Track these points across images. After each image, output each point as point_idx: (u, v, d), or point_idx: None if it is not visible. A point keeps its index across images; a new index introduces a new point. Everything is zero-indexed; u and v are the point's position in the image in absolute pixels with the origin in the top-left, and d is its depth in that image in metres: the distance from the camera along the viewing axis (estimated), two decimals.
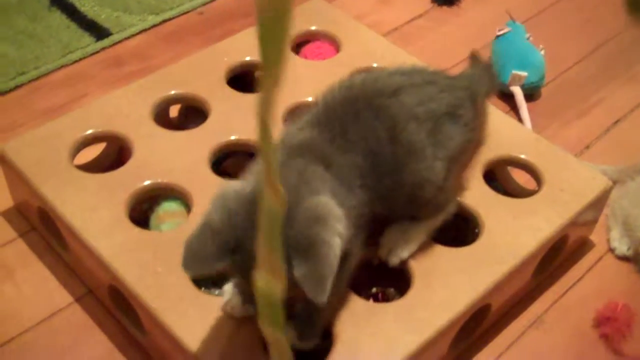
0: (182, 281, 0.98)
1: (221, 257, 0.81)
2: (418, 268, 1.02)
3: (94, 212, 1.06)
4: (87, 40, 1.55)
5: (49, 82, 1.48)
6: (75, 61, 1.52)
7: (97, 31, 1.58)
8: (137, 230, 1.05)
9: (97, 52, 1.55)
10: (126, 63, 1.53)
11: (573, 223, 1.11)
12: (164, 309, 0.95)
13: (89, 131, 1.17)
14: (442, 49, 1.60)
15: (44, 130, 1.17)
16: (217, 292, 1.06)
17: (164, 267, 1.00)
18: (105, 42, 1.56)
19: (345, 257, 0.82)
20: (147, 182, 1.10)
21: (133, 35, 1.58)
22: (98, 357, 1.05)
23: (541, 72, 1.48)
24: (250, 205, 0.78)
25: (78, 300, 1.12)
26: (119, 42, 1.57)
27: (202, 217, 0.84)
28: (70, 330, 1.08)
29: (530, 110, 1.42)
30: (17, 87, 1.46)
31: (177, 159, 1.14)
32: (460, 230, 1.14)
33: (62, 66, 1.51)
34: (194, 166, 1.13)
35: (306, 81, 1.27)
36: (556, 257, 1.15)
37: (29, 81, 1.47)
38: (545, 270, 1.15)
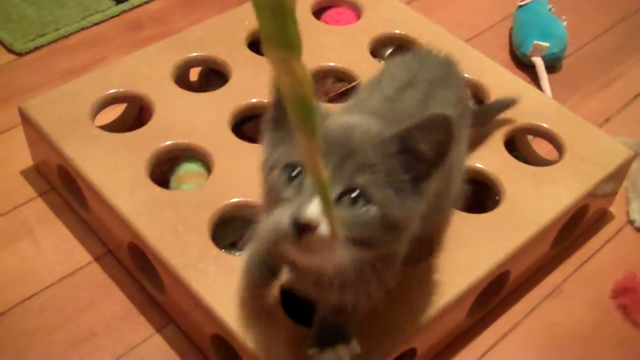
0: (203, 240, 0.98)
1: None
2: (439, 234, 1.01)
3: (115, 170, 1.06)
4: (107, 3, 1.55)
5: (69, 44, 1.48)
6: (95, 24, 1.52)
7: None
8: (158, 189, 1.05)
9: (117, 15, 1.54)
10: (145, 27, 1.52)
11: (593, 193, 1.10)
12: (185, 267, 0.95)
13: (110, 91, 1.17)
14: (465, 18, 1.59)
15: (66, 89, 1.17)
16: (237, 254, 1.06)
17: (184, 226, 1.00)
18: (125, 5, 1.55)
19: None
20: (168, 143, 1.10)
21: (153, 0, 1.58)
22: (117, 315, 1.06)
23: (563, 44, 1.47)
24: None
25: (97, 259, 1.12)
26: (139, 5, 1.56)
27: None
28: (89, 288, 1.09)
29: (550, 82, 1.42)
30: (36, 48, 1.46)
31: (198, 120, 1.14)
32: (481, 196, 1.13)
33: (82, 29, 1.51)
34: (215, 128, 1.13)
35: (326, 47, 1.27)
36: (575, 228, 1.15)
37: (49, 43, 1.47)
38: (565, 240, 1.14)
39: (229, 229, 1.08)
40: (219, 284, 0.94)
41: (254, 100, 1.17)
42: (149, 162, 1.08)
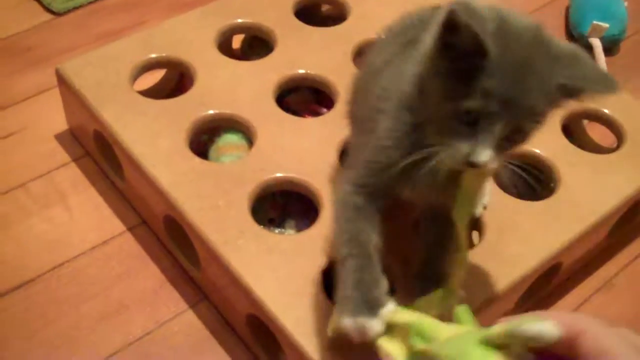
0: (243, 216, 0.94)
1: (494, 38, 0.65)
2: (490, 220, 0.97)
3: (154, 139, 1.02)
4: None
5: (108, 5, 1.44)
6: None
7: None
8: (197, 161, 1.00)
9: None
10: None
11: None
12: (223, 243, 0.91)
13: (151, 55, 1.12)
14: None
15: (105, 51, 1.13)
16: (277, 230, 1.02)
17: (224, 200, 0.96)
18: None
19: None
20: (209, 112, 1.06)
21: None
22: (149, 288, 1.02)
23: (623, 25, 1.41)
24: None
25: (131, 229, 1.09)
26: None
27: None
28: (121, 259, 1.05)
29: (608, 65, 1.36)
30: (75, 8, 1.42)
31: (241, 89, 1.09)
32: (526, 187, 1.08)
33: None
34: (258, 98, 1.08)
35: (378, 17, 1.21)
36: (632, 219, 1.09)
37: (88, 3, 1.43)
38: (620, 232, 1.09)
39: (267, 204, 1.05)
40: (258, 262, 0.90)
41: (300, 71, 1.12)
42: (189, 131, 1.04)
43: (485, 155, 0.68)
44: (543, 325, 0.53)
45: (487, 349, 0.57)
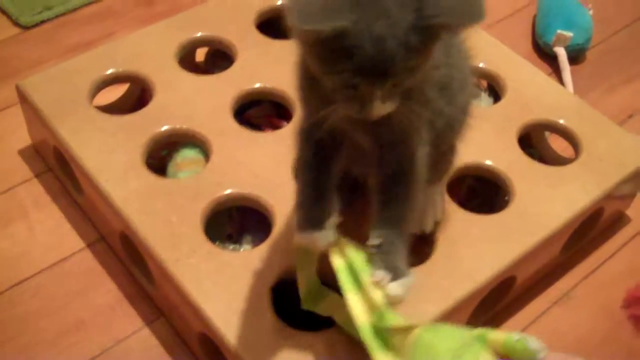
0: (195, 233, 0.94)
1: (336, 9, 0.64)
2: (442, 234, 0.97)
3: (109, 155, 1.02)
4: None
5: (76, 18, 1.44)
6: None
7: None
8: (152, 177, 1.01)
9: None
10: (156, 2, 1.48)
11: (610, 195, 1.05)
12: (175, 261, 0.92)
13: (111, 70, 1.13)
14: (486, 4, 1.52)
15: (65, 67, 1.13)
16: (231, 247, 1.03)
17: (177, 217, 0.96)
18: None
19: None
20: (165, 127, 1.06)
21: None
22: (106, 305, 1.02)
23: (588, 34, 1.41)
24: None
25: (90, 246, 1.09)
26: None
27: None
28: (80, 276, 1.05)
29: (573, 74, 1.36)
30: (43, 22, 1.42)
31: (199, 104, 1.09)
32: (489, 196, 1.09)
33: (90, 2, 1.47)
34: (215, 113, 1.08)
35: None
36: (589, 231, 1.09)
37: (56, 16, 1.43)
38: (576, 244, 1.09)
39: (225, 219, 1.05)
40: (209, 280, 0.90)
41: (257, 85, 1.12)
42: (145, 147, 1.04)
43: (372, 110, 0.70)
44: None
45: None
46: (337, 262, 0.79)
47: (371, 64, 0.66)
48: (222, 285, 0.89)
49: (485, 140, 1.05)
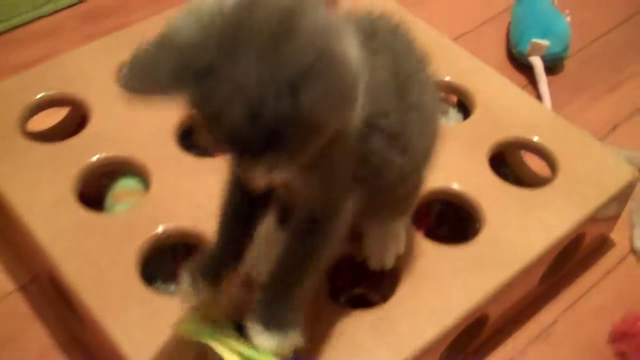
0: (128, 276, 0.84)
1: (183, 78, 0.56)
2: (406, 268, 0.87)
3: (36, 188, 0.92)
4: None
5: (17, 37, 1.35)
6: (49, 14, 1.39)
7: None
8: (82, 212, 0.91)
9: (74, 4, 1.41)
10: (105, 17, 1.39)
11: (591, 219, 0.95)
12: (104, 309, 0.82)
13: (43, 94, 1.03)
14: (457, 12, 1.44)
15: None
16: (172, 287, 0.93)
17: (108, 258, 0.86)
18: None
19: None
20: (100, 156, 0.96)
21: None
22: (37, 353, 0.92)
23: (565, 42, 1.32)
24: (235, 26, 0.57)
25: (21, 288, 0.99)
26: None
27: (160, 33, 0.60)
28: (9, 321, 0.96)
29: (550, 85, 1.26)
30: None
31: (139, 129, 1.00)
32: (457, 224, 0.99)
33: (34, 19, 1.38)
34: (157, 138, 0.99)
35: None
36: (569, 259, 1.00)
37: None
38: (555, 274, 0.99)
39: (168, 256, 0.95)
40: (140, 330, 0.80)
41: None
42: (76, 178, 0.94)
43: (254, 180, 0.61)
44: None
45: None
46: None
47: (231, 143, 0.57)
48: (154, 336, 0.79)
49: (453, 162, 0.96)
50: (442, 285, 0.86)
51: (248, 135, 0.56)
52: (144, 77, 0.58)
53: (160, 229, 0.89)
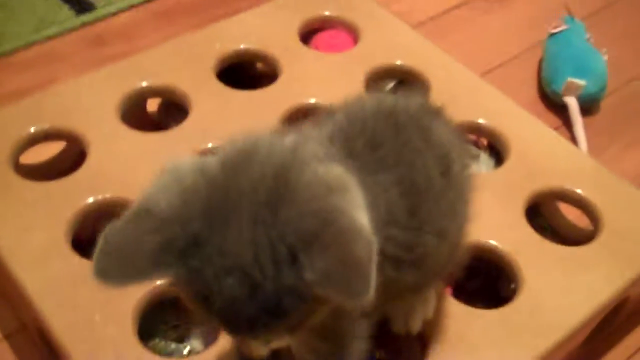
0: (124, 334, 0.76)
1: (166, 257, 0.50)
2: (435, 334, 0.78)
3: (26, 231, 0.84)
4: (66, 13, 1.34)
5: (16, 61, 1.28)
6: (50, 38, 1.31)
7: (79, 4, 1.36)
8: (76, 260, 0.82)
9: (77, 28, 1.33)
10: (109, 43, 1.31)
11: (637, 282, 0.86)
12: None
13: (37, 127, 0.95)
14: (484, 45, 1.35)
15: None
16: (173, 345, 0.84)
17: (103, 313, 0.77)
18: (87, 16, 1.34)
19: None
20: (97, 197, 0.87)
21: (120, 11, 1.37)
22: None
23: (602, 81, 1.24)
24: (222, 190, 0.52)
25: (7, 337, 0.90)
26: (103, 18, 1.35)
27: (136, 202, 0.55)
28: None
29: (586, 127, 1.18)
30: None
31: (142, 168, 0.89)
32: (488, 279, 0.90)
33: (34, 43, 1.30)
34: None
35: (314, 78, 1.04)
36: (610, 322, 0.90)
37: None
38: (594, 339, 0.90)
39: (169, 307, 0.86)
40: None
41: (210, 144, 0.94)
42: (70, 222, 0.85)
43: (251, 352, 0.57)
44: None
45: None
46: None
47: (226, 321, 0.51)
48: None
49: (486, 214, 0.86)
50: (477, 355, 0.77)
51: (245, 312, 0.50)
52: (121, 263, 0.51)
53: (160, 281, 0.80)
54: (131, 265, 0.50)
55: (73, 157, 1.04)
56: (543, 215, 1.00)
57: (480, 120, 0.99)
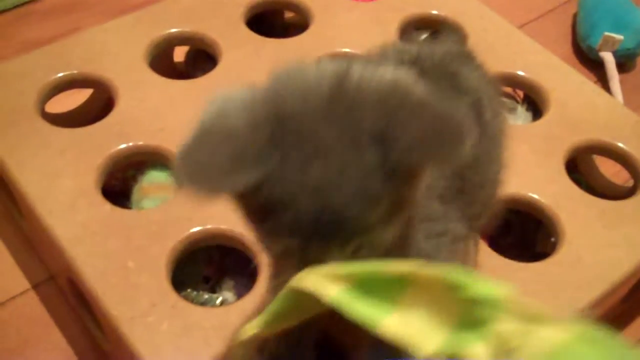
0: (158, 281, 0.74)
1: (252, 165, 0.48)
2: None
3: (55, 178, 0.82)
4: None
5: (38, 9, 1.25)
6: None
7: None
8: (107, 207, 0.80)
9: None
10: None
11: None
12: (128, 319, 0.71)
13: (64, 73, 0.92)
14: (515, 0, 1.32)
15: (8, 68, 0.93)
16: (206, 295, 0.82)
17: (136, 261, 0.76)
18: None
19: None
20: (128, 144, 0.85)
21: None
22: None
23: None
24: (283, 98, 0.50)
25: (36, 287, 0.89)
26: None
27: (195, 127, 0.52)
28: (22, 325, 0.86)
29: (622, 83, 1.15)
30: None
31: (171, 116, 0.89)
32: (523, 234, 0.88)
33: None
34: (191, 126, 0.87)
35: (346, 27, 1.01)
36: None
37: (14, 7, 1.24)
38: (634, 297, 0.88)
39: (201, 258, 0.85)
40: (171, 346, 0.70)
41: None
42: (101, 169, 0.83)
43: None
44: None
45: None
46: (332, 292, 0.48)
47: (311, 225, 0.48)
48: (188, 353, 0.69)
49: (525, 167, 0.85)
50: None
51: (330, 203, 0.47)
52: (209, 168, 0.48)
53: (195, 229, 0.78)
54: (219, 170, 0.48)
55: (99, 106, 1.03)
56: (579, 171, 0.98)
57: (519, 72, 0.96)
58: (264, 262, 0.75)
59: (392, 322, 0.45)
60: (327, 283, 0.46)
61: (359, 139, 0.47)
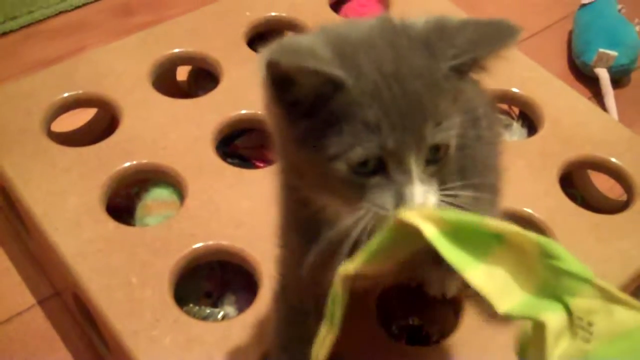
0: (161, 297, 0.76)
1: (338, 62, 0.50)
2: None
3: (61, 196, 0.84)
4: None
5: (44, 29, 1.28)
6: (77, 7, 1.32)
7: None
8: (111, 224, 0.82)
9: None
10: (136, 12, 1.31)
11: None
12: (132, 333, 0.73)
13: (70, 92, 0.94)
14: (516, 15, 1.33)
15: (15, 88, 0.95)
16: (208, 310, 0.84)
17: (139, 276, 0.77)
18: None
19: None
20: (131, 163, 0.88)
21: None
22: None
23: (634, 53, 1.23)
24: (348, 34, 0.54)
25: (41, 303, 0.91)
26: None
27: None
28: (28, 340, 0.88)
29: (617, 98, 1.17)
30: (5, 33, 1.26)
31: (174, 134, 0.91)
32: None
33: (61, 12, 1.31)
34: (194, 145, 0.90)
35: None
36: None
37: (20, 27, 1.27)
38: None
39: (203, 274, 0.87)
40: (174, 359, 0.71)
41: (244, 111, 0.93)
42: (105, 187, 0.86)
43: (419, 194, 0.52)
44: None
45: None
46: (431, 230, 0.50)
47: (392, 116, 0.50)
48: None
49: (520, 182, 0.86)
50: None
51: (415, 93, 0.51)
52: (300, 51, 0.50)
53: (197, 246, 0.80)
54: (308, 54, 0.50)
55: (104, 125, 1.05)
56: (574, 185, 0.99)
57: (514, 89, 0.98)
58: (265, 275, 0.77)
59: (478, 273, 0.48)
60: (428, 222, 0.48)
61: (419, 47, 0.52)
